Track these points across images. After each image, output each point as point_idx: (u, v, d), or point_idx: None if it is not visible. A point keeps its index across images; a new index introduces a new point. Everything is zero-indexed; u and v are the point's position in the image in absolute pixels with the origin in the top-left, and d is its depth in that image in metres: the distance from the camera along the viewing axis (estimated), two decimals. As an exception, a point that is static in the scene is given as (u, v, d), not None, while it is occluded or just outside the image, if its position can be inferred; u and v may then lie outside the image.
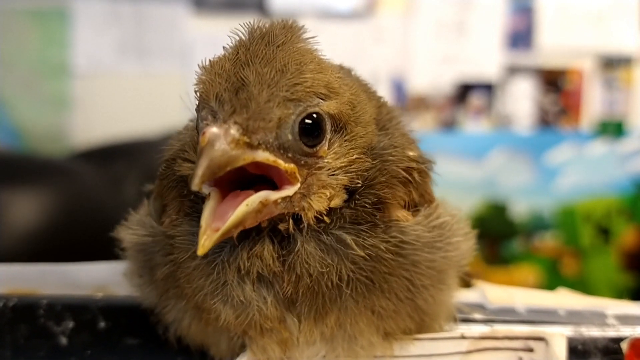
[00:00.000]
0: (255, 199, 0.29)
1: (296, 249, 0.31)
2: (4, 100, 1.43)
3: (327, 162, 0.31)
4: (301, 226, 0.31)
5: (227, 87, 0.29)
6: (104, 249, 0.40)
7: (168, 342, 0.36)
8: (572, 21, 1.52)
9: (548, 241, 1.52)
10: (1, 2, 1.42)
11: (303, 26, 0.33)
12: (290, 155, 0.30)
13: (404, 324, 0.34)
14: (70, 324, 0.37)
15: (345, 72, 0.38)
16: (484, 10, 1.52)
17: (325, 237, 0.31)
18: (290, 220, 0.31)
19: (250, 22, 0.32)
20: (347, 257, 0.31)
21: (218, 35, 0.33)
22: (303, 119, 0.30)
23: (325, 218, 0.31)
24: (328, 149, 0.31)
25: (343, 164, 0.32)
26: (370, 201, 0.32)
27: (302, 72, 0.30)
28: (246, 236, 0.31)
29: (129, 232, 0.37)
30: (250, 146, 0.29)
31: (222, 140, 0.28)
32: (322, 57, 0.33)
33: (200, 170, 0.27)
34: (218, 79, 0.29)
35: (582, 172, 1.51)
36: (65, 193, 1.01)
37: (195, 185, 0.27)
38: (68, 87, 1.43)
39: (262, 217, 0.30)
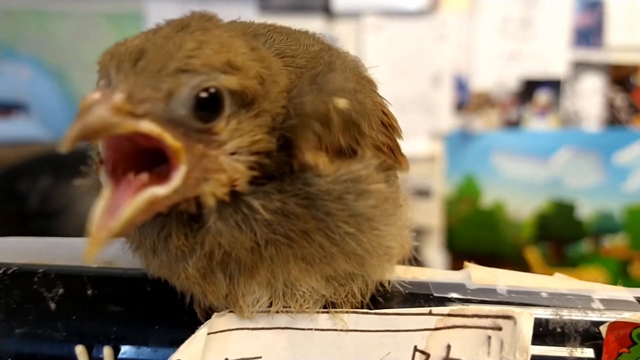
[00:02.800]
0: (140, 200, 0.28)
1: (206, 227, 0.30)
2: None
3: (224, 139, 0.30)
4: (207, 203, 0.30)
5: (125, 58, 0.28)
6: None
7: (148, 311, 0.37)
8: (644, 16, 1.47)
9: (618, 243, 1.48)
10: (80, 6, 1.50)
11: (216, 16, 0.33)
12: (182, 130, 0.28)
13: (341, 267, 0.33)
14: (60, 291, 0.38)
15: (278, 34, 0.37)
16: (550, 6, 1.49)
17: (235, 208, 0.31)
18: (193, 202, 0.30)
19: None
20: (257, 222, 0.31)
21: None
22: (198, 93, 0.29)
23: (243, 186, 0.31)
24: (225, 126, 0.30)
25: (245, 144, 0.31)
26: (280, 144, 0.31)
27: (200, 48, 0.29)
28: (156, 216, 0.30)
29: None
30: (134, 115, 0.27)
31: (101, 106, 0.27)
32: (232, 37, 0.32)
33: (70, 132, 0.26)
34: (119, 50, 0.29)
35: (654, 172, 1.46)
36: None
37: (61, 146, 0.26)
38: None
39: (157, 210, 0.29)
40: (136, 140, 0.28)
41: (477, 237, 1.50)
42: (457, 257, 1.47)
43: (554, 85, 1.50)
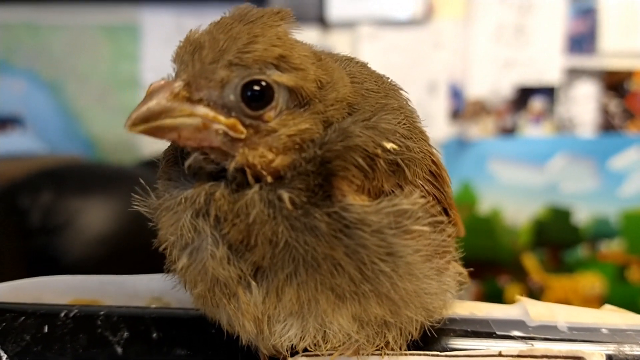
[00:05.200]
0: (197, 116, 0.31)
1: (244, 198, 0.32)
2: (79, 112, 1.50)
3: (272, 127, 0.32)
4: (247, 175, 0.32)
5: (188, 49, 0.32)
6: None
7: (215, 354, 0.37)
8: (636, 22, 1.48)
9: (614, 248, 1.49)
10: (76, 19, 1.49)
11: (291, 16, 0.34)
12: (234, 114, 0.32)
13: (372, 310, 0.33)
14: (125, 334, 0.38)
15: (355, 64, 0.39)
16: (544, 13, 1.50)
17: (271, 189, 0.32)
18: (233, 163, 0.32)
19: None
20: (281, 212, 0.31)
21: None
22: (248, 84, 0.31)
23: (281, 172, 0.32)
24: (275, 116, 0.32)
25: (291, 132, 0.32)
26: (315, 168, 0.32)
27: (254, 42, 0.31)
28: (205, 180, 0.33)
29: None
30: (190, 100, 0.31)
31: (162, 92, 0.30)
32: (294, 39, 0.34)
33: (133, 114, 0.30)
34: (184, 44, 0.32)
35: (649, 177, 1.47)
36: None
37: (125, 126, 0.30)
38: (138, 99, 1.47)
39: (200, 140, 0.31)
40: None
41: (474, 243, 1.50)
42: (455, 264, 1.47)
43: (549, 92, 1.51)
